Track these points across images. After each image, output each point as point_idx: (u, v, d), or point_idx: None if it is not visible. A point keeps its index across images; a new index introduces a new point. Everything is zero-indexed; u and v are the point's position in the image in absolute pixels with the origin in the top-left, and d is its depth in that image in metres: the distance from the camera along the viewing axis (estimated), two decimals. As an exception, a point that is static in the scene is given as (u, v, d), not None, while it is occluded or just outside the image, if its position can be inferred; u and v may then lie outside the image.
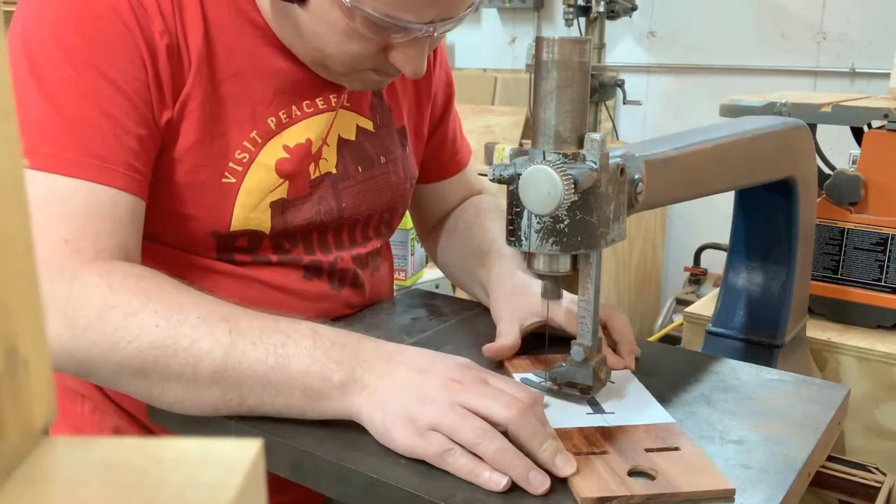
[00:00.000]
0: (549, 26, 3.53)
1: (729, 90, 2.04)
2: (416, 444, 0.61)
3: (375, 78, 0.83)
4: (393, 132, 0.96)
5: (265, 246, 0.85)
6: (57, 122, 0.71)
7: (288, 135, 0.84)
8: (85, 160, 0.71)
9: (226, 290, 0.78)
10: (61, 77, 0.71)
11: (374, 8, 0.71)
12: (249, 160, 0.81)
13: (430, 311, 0.99)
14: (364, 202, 0.92)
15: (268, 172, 0.82)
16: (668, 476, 0.60)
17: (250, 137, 0.81)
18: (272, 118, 0.83)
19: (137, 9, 0.73)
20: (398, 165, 0.96)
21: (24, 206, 0.25)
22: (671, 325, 2.36)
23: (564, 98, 0.64)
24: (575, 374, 0.72)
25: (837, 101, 1.19)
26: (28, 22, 0.74)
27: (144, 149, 0.75)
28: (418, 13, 0.72)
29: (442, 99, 1.05)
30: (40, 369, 0.26)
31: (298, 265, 0.88)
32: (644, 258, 3.09)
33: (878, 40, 2.85)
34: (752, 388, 0.78)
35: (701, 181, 0.81)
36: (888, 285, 1.16)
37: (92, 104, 0.72)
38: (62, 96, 0.71)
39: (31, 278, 0.25)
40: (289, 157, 0.83)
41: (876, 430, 1.12)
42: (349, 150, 0.90)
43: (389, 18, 0.71)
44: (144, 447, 0.25)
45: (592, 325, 0.71)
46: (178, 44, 0.76)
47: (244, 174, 0.81)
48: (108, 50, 0.72)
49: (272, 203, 0.83)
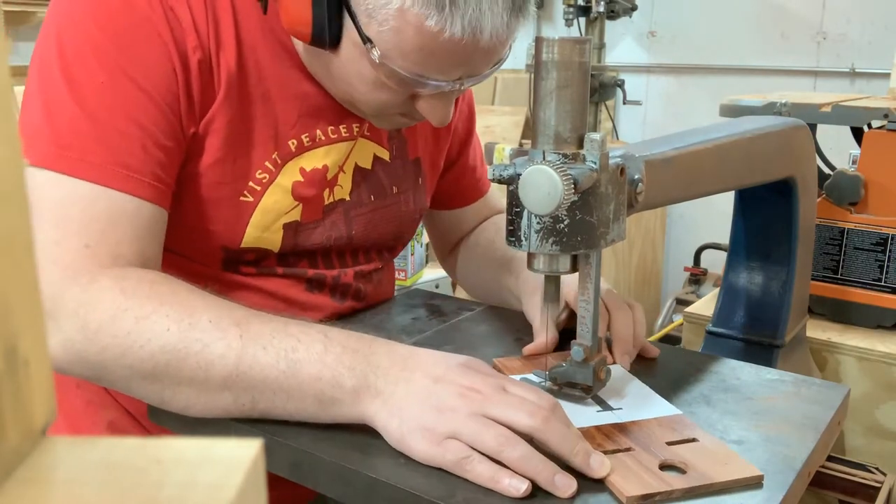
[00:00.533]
0: (549, 26, 3.53)
1: (729, 90, 2.04)
2: (434, 453, 0.61)
3: (403, 120, 0.83)
4: (407, 163, 0.97)
5: (271, 261, 0.86)
6: (86, 127, 0.71)
7: (306, 159, 0.84)
8: (112, 168, 0.71)
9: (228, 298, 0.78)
10: (94, 82, 0.72)
11: (402, 67, 0.71)
12: (269, 181, 0.82)
13: (430, 311, 0.99)
14: (374, 230, 0.94)
15: (284, 194, 0.83)
16: (698, 468, 0.61)
17: (272, 158, 0.82)
18: (293, 140, 0.83)
19: (173, 21, 0.74)
20: (409, 197, 0.97)
21: (24, 207, 0.25)
22: (671, 325, 2.36)
23: (564, 98, 0.64)
24: (575, 374, 0.72)
25: (837, 101, 1.19)
26: (62, 24, 0.74)
27: (171, 160, 0.75)
28: (445, 72, 0.73)
29: (462, 131, 1.06)
30: (40, 369, 0.26)
31: (302, 278, 0.89)
32: (644, 258, 3.09)
33: (878, 40, 2.85)
34: (752, 388, 0.78)
35: (701, 181, 0.81)
36: (888, 285, 1.16)
37: (122, 112, 0.72)
38: (93, 101, 0.71)
39: (31, 278, 0.25)
40: (303, 181, 0.84)
41: (876, 430, 1.12)
42: (364, 179, 0.91)
43: (416, 76, 0.72)
44: (144, 447, 0.25)
45: (592, 325, 0.71)
46: (210, 60, 0.76)
47: (262, 194, 0.82)
48: (142, 59, 0.73)
49: (285, 224, 0.84)
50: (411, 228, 1.01)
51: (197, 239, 0.81)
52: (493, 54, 0.73)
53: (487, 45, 0.70)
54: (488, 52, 0.72)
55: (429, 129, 1.00)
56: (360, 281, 0.94)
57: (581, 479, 0.59)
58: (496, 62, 0.76)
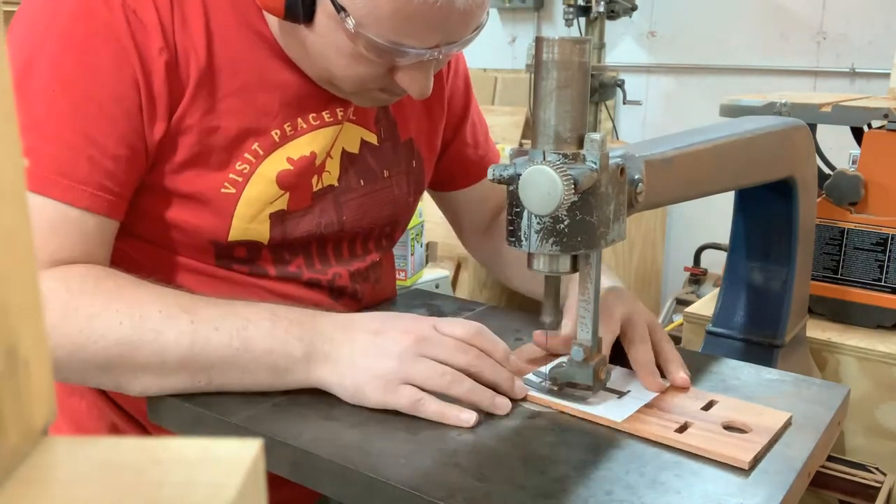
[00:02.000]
0: (549, 26, 3.53)
1: (729, 90, 2.04)
2: (387, 399, 0.68)
3: (383, 96, 0.83)
4: (398, 145, 0.96)
5: (264, 257, 0.85)
6: (32, 138, 0.71)
7: (292, 147, 0.84)
8: (54, 178, 0.72)
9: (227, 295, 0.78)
10: (46, 92, 0.72)
11: (377, 34, 0.71)
12: (250, 171, 0.81)
13: (430, 311, 0.99)
14: (366, 215, 0.92)
15: (269, 184, 0.82)
16: (749, 425, 0.68)
17: (252, 149, 0.81)
18: (276, 130, 0.83)
19: (135, 25, 0.73)
20: (402, 179, 0.96)
21: (23, 207, 0.25)
22: (671, 325, 2.36)
23: (564, 98, 0.64)
24: (575, 374, 0.72)
25: (837, 101, 1.19)
26: (24, 32, 0.74)
27: (125, 168, 0.75)
28: (422, 39, 0.72)
29: (459, 107, 1.04)
30: (40, 369, 0.26)
31: (298, 280, 0.88)
32: (644, 258, 3.09)
33: (878, 40, 2.85)
34: (752, 388, 0.78)
35: (701, 181, 0.81)
36: (888, 285, 1.16)
37: (70, 122, 0.72)
38: (42, 113, 0.72)
39: (31, 278, 0.25)
40: (291, 169, 0.83)
41: (876, 430, 1.12)
42: (352, 164, 0.90)
43: (393, 44, 0.71)
44: (144, 447, 0.25)
45: (592, 325, 0.71)
46: (177, 60, 0.76)
47: (244, 185, 0.81)
48: (98, 68, 0.73)
49: (272, 214, 0.83)
50: (407, 213, 1.00)
51: (186, 235, 0.81)
52: (469, 17, 0.72)
53: (463, 6, 0.70)
54: (464, 14, 0.71)
55: (421, 108, 0.98)
56: (358, 282, 0.94)
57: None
58: (474, 27, 0.75)
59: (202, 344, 0.69)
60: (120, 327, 0.68)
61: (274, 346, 0.70)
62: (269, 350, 0.70)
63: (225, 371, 0.70)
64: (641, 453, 0.65)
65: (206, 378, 0.70)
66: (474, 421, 0.68)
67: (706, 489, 0.59)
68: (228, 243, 0.82)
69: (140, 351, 0.68)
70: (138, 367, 0.69)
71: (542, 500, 0.58)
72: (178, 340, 0.69)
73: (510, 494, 0.58)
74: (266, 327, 0.71)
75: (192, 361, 0.69)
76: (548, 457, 0.64)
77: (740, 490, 0.59)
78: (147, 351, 0.68)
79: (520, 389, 0.73)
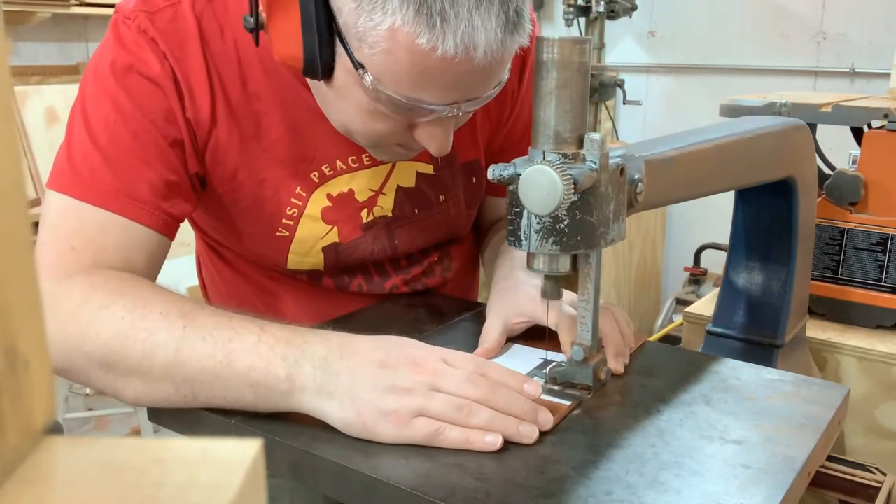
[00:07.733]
0: (549, 26, 3.53)
1: (729, 90, 2.04)
2: (403, 434, 0.64)
3: (401, 151, 0.81)
4: (456, 170, 0.95)
5: (325, 281, 0.95)
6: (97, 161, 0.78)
7: (331, 185, 0.88)
8: (115, 195, 0.77)
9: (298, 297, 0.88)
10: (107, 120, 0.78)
11: (395, 90, 0.69)
12: (299, 214, 0.88)
13: (430, 311, 0.99)
14: (419, 237, 0.96)
15: (315, 222, 0.89)
16: None
17: (296, 193, 0.87)
18: (315, 172, 0.87)
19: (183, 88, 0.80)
20: (459, 199, 0.97)
21: (23, 207, 0.25)
22: (671, 325, 2.36)
23: (564, 98, 0.64)
24: (575, 374, 0.72)
25: (837, 101, 1.19)
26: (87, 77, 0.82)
27: (177, 192, 0.81)
28: (440, 95, 0.70)
29: (525, 118, 1.00)
30: (40, 369, 0.26)
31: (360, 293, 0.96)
32: (644, 258, 3.09)
33: (878, 40, 2.85)
34: (752, 388, 0.78)
35: (701, 181, 0.81)
36: (888, 285, 1.16)
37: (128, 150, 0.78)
38: (104, 139, 0.78)
39: (31, 278, 0.25)
40: (331, 206, 0.88)
41: (876, 430, 1.12)
42: (407, 195, 0.93)
43: (411, 100, 0.70)
44: (144, 447, 0.25)
45: (592, 325, 0.71)
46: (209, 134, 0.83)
47: (296, 228, 0.89)
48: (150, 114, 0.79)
49: (324, 248, 0.91)
50: (465, 225, 1.03)
51: (254, 257, 0.94)
52: (489, 74, 0.70)
53: (482, 63, 0.67)
54: (484, 71, 0.69)
55: (487, 123, 0.96)
56: (419, 282, 1.00)
57: None
58: (495, 83, 0.73)
59: (187, 352, 0.67)
60: (121, 322, 0.68)
61: (256, 363, 0.66)
62: (250, 366, 0.66)
63: (207, 385, 0.67)
64: (641, 453, 0.65)
65: (190, 390, 0.68)
66: (500, 443, 0.63)
67: (706, 489, 0.59)
68: (288, 270, 0.92)
69: (132, 349, 0.68)
70: (130, 369, 0.68)
71: (542, 500, 0.58)
72: (167, 344, 0.67)
73: (510, 494, 0.58)
74: (251, 342, 0.67)
75: (176, 370, 0.67)
76: (548, 457, 0.64)
77: (740, 490, 0.59)
78: (138, 350, 0.67)
79: (544, 420, 0.67)
